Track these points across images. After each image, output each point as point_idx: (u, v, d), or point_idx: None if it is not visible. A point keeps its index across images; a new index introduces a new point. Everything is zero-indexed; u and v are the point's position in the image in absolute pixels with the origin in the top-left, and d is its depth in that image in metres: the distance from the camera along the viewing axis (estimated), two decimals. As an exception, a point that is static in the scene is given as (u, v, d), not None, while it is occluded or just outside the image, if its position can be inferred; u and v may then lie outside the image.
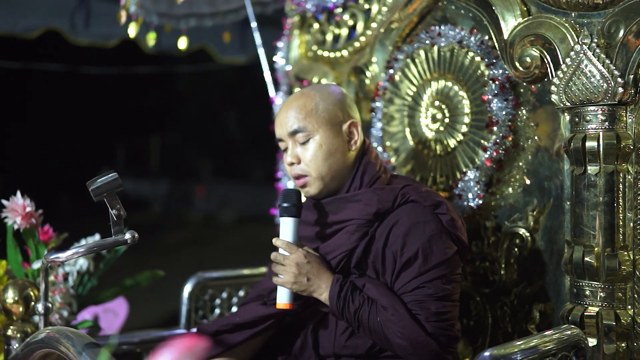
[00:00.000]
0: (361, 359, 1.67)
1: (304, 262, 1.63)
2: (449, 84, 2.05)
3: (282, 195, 1.68)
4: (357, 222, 1.66)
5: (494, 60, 1.91)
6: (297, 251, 1.64)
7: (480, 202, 1.94)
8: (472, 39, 1.96)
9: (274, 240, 1.68)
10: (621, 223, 1.61)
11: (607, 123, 1.61)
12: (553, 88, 1.69)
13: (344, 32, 2.44)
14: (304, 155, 1.71)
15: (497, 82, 1.88)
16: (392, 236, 1.62)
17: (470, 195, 1.95)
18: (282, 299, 1.65)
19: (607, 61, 1.59)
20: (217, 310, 2.39)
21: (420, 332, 1.54)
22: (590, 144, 1.61)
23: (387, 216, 1.65)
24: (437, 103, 2.08)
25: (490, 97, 1.90)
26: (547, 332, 1.51)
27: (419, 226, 1.61)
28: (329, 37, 2.49)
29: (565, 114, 1.75)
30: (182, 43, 3.18)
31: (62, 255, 1.56)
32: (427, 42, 2.08)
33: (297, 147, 1.72)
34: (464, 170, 2.00)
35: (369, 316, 1.58)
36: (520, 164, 1.90)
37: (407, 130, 2.18)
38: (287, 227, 1.67)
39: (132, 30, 2.76)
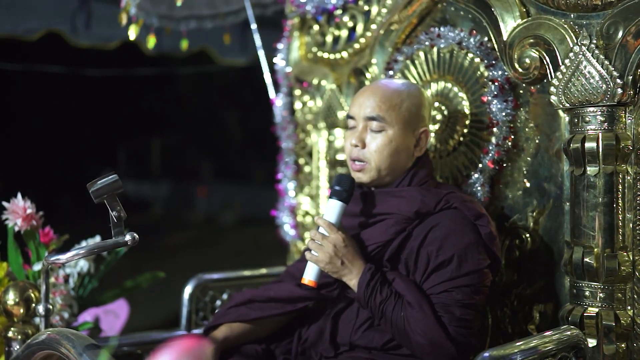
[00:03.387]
0: (375, 351, 1.69)
1: (342, 245, 1.65)
2: (449, 85, 2.05)
3: (336, 178, 1.72)
4: (396, 216, 1.69)
5: (494, 62, 1.91)
6: (337, 233, 1.66)
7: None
8: (472, 40, 1.96)
9: (315, 218, 1.71)
10: (620, 224, 1.61)
11: (606, 124, 1.62)
12: (552, 89, 1.69)
13: (344, 33, 2.44)
14: (370, 143, 1.74)
15: (496, 84, 1.89)
16: (429, 237, 1.64)
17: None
18: (310, 275, 1.68)
19: (606, 62, 1.59)
20: (218, 312, 2.38)
21: (442, 334, 1.55)
22: (589, 144, 1.61)
23: (428, 217, 1.68)
24: (436, 104, 2.08)
25: (489, 98, 1.90)
26: (547, 333, 1.51)
27: (458, 233, 1.63)
28: (329, 38, 2.49)
29: (565, 115, 1.75)
30: (183, 44, 3.19)
31: (63, 257, 1.57)
32: (427, 43, 2.09)
33: (366, 133, 1.75)
34: (465, 172, 2.00)
35: (394, 310, 1.60)
36: (520, 165, 1.90)
37: (407, 131, 2.18)
38: (333, 209, 1.69)
39: (133, 32, 2.76)
